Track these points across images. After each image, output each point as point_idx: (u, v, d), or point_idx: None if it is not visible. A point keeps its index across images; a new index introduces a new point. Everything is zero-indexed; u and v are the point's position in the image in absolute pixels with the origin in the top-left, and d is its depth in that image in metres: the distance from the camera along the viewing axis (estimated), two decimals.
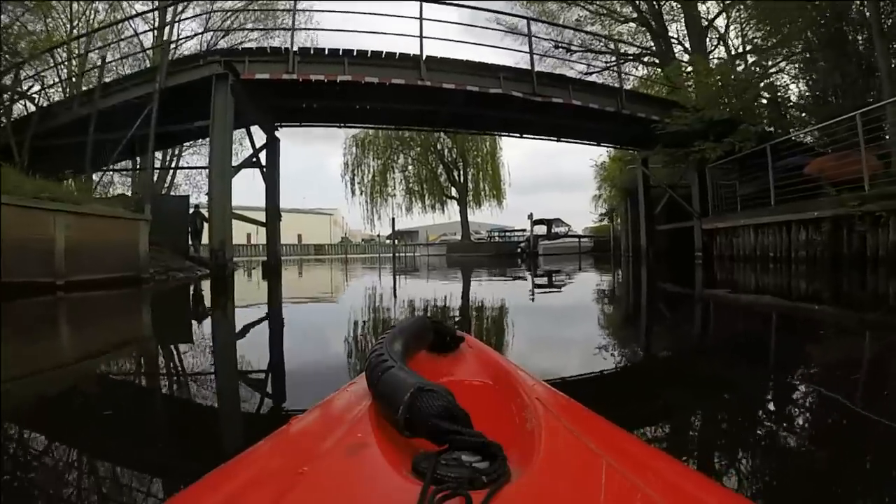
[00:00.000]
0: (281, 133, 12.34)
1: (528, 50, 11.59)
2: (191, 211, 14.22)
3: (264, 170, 11.74)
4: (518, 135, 14.45)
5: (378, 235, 37.44)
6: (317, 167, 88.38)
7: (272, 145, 11.86)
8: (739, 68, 14.82)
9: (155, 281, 7.85)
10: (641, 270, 11.63)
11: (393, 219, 29.59)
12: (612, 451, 0.50)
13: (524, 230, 31.77)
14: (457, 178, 32.03)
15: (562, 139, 14.93)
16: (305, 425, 0.59)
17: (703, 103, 12.24)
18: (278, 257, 12.10)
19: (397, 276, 11.29)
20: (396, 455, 0.49)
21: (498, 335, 3.25)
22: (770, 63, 14.11)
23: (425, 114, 12.22)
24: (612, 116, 12.23)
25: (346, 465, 0.48)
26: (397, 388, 0.53)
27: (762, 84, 13.53)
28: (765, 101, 13.82)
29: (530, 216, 26.09)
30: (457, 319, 3.87)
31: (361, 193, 31.31)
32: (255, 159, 11.40)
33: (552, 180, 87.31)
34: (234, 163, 10.44)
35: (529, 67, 11.36)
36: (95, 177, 12.40)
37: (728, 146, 11.81)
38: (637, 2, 17.77)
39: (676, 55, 17.28)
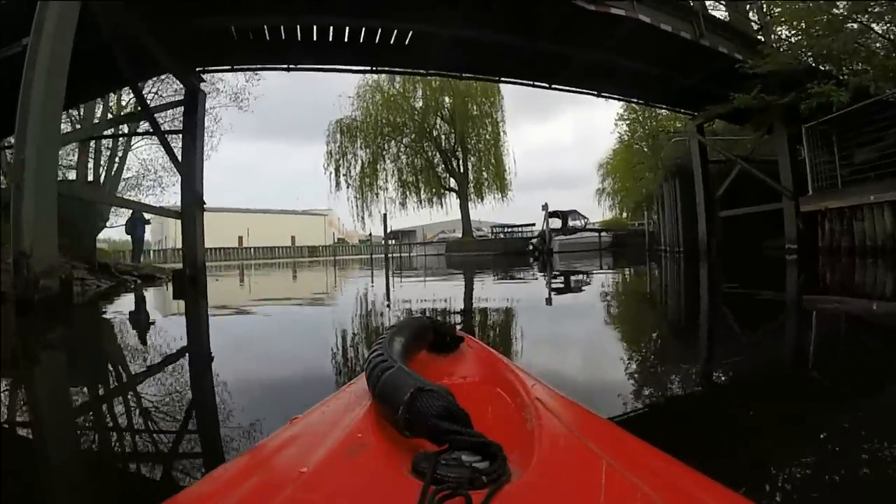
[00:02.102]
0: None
1: None
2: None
3: (178, 140, 7.80)
4: (545, 84, 10.41)
5: (370, 235, 33.45)
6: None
7: (192, 102, 7.90)
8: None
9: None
10: (702, 270, 9.08)
11: (385, 215, 25.71)
12: (612, 451, 0.51)
13: (532, 225, 27.67)
14: (456, 167, 27.97)
15: (602, 94, 11.07)
16: (305, 425, 0.59)
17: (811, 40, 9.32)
18: (199, 265, 8.10)
19: (389, 281, 9.41)
20: (396, 455, 0.51)
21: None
22: None
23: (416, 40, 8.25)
24: (681, 50, 9.24)
25: (347, 465, 0.49)
26: (397, 388, 0.53)
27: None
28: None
29: (545, 206, 22.12)
30: None
31: (349, 187, 27.28)
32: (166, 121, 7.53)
33: (550, 179, 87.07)
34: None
35: None
36: None
37: (857, 84, 7.96)
38: None
39: None
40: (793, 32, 10.32)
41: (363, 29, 8.39)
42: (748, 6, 12.21)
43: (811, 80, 9.01)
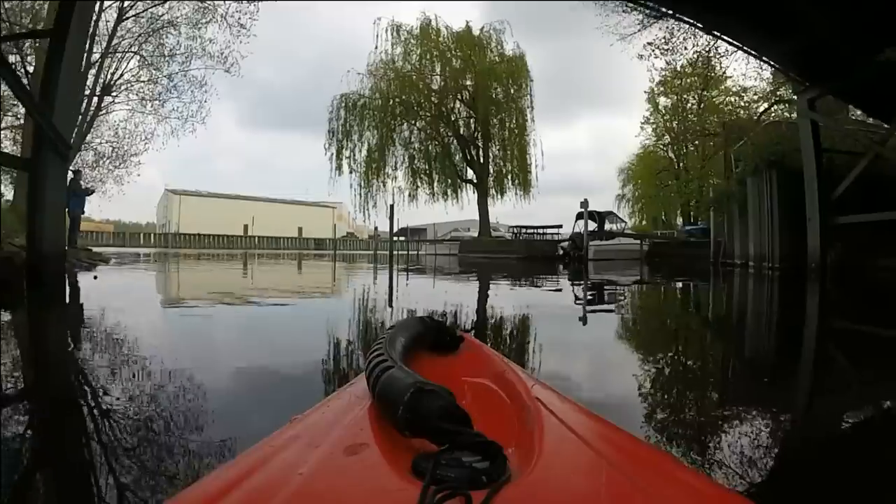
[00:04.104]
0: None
1: None
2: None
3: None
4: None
5: (375, 229, 30.30)
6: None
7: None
8: None
9: None
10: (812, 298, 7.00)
11: (392, 206, 22.34)
12: (612, 450, 0.52)
13: (559, 227, 24.42)
14: (475, 156, 24.71)
15: (713, 31, 7.91)
16: (305, 425, 0.59)
17: None
18: (56, 250, 4.88)
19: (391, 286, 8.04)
20: (396, 455, 0.52)
21: None
22: None
23: None
24: None
25: (346, 465, 0.50)
26: (397, 388, 0.54)
27: None
28: None
29: (583, 203, 18.77)
30: None
31: (352, 172, 24.02)
32: None
33: (565, 185, 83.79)
34: None
35: None
36: None
37: None
38: None
39: None
40: None
41: None
42: None
43: None
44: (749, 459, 1.47)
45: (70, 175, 12.55)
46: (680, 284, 9.22)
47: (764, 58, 10.44)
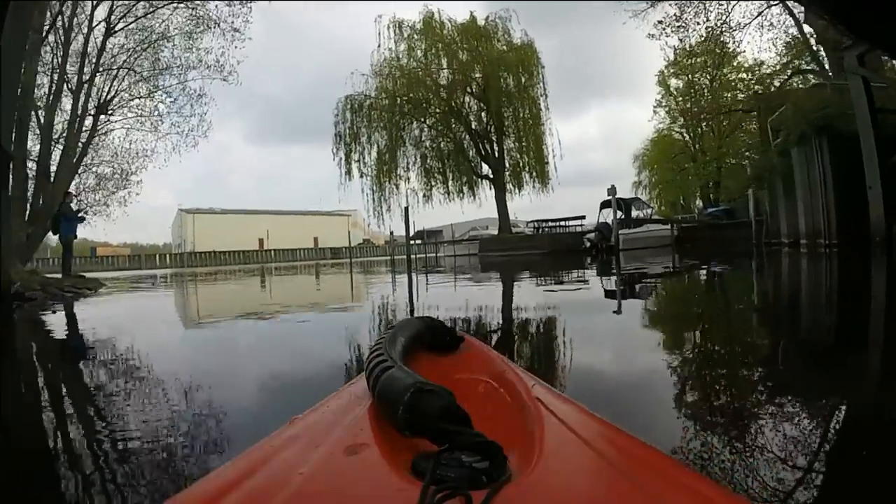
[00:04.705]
0: None
1: None
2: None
3: None
4: None
5: (391, 234, 29.74)
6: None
7: None
8: None
9: None
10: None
11: (406, 208, 21.63)
12: (613, 451, 0.52)
13: (581, 218, 23.49)
14: (489, 151, 23.92)
15: None
16: (305, 425, 0.60)
17: None
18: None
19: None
20: (396, 455, 0.52)
21: None
22: None
23: None
24: None
25: (346, 465, 0.50)
26: (397, 388, 0.54)
27: None
28: None
29: (611, 190, 17.85)
30: None
31: (362, 176, 23.38)
32: None
33: (578, 176, 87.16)
34: None
35: None
36: None
37: None
38: None
39: None
40: None
41: None
42: None
43: None
44: None
45: (61, 199, 12.19)
46: (734, 270, 8.28)
47: (805, 11, 9.42)
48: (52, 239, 13.23)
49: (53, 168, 13.66)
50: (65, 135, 14.09)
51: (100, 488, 1.25)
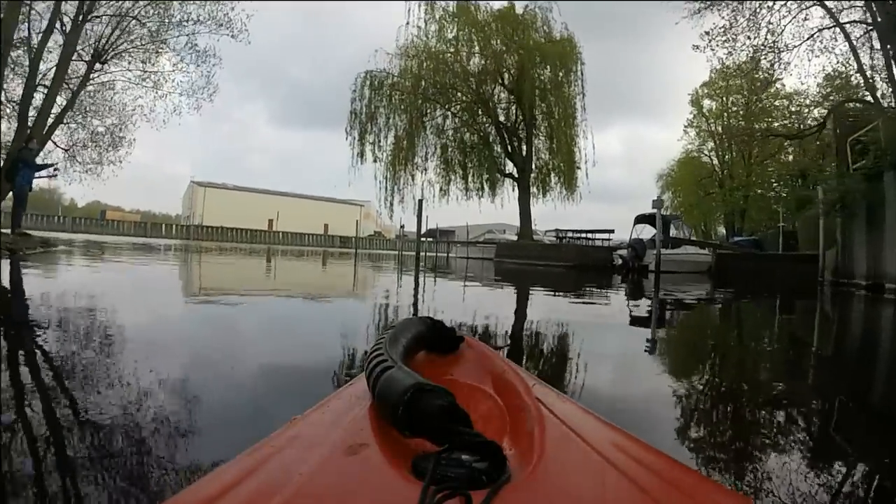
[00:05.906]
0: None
1: None
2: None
3: None
4: None
5: (402, 228, 27.94)
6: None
7: None
8: None
9: None
10: None
11: (420, 201, 19.83)
12: (612, 451, 0.52)
13: (610, 232, 21.48)
14: (516, 148, 21.93)
15: None
16: (305, 425, 0.60)
17: None
18: None
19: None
20: (396, 455, 0.52)
21: None
22: None
23: None
24: None
25: (346, 465, 0.51)
26: (397, 388, 0.55)
27: None
28: None
29: (657, 202, 15.78)
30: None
31: (376, 161, 21.60)
32: None
33: (595, 191, 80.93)
34: None
35: None
36: None
37: None
38: None
39: None
40: None
41: None
42: None
43: None
44: None
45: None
46: (826, 322, 6.24)
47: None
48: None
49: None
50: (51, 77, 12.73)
51: None
